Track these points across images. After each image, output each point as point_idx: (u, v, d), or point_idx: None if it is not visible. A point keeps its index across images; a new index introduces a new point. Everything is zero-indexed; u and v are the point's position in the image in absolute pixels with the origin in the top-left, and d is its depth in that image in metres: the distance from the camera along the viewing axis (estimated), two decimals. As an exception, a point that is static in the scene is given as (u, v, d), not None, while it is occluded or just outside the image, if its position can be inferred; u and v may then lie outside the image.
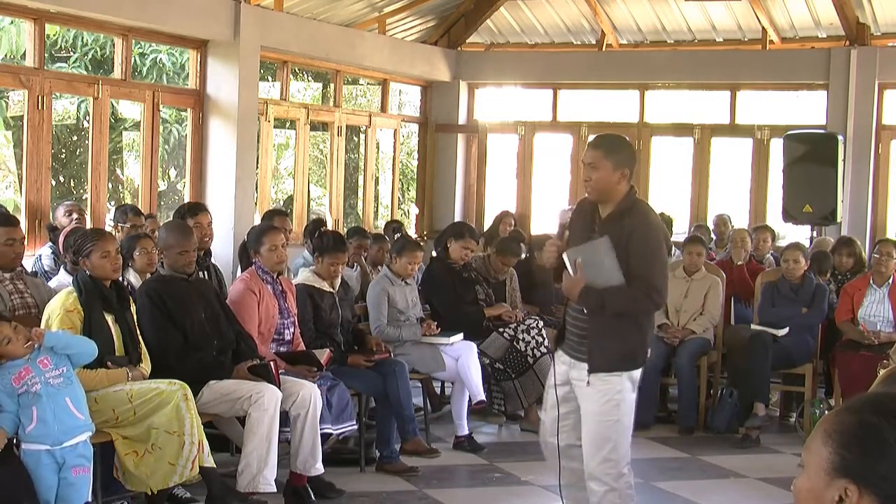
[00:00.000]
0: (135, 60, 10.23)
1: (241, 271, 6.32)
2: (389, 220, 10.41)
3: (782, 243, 8.93)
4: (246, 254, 6.16)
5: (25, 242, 5.72)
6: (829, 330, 7.81)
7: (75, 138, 13.15)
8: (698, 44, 11.17)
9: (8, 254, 5.43)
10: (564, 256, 4.20)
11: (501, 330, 7.13)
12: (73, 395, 4.51)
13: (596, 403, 4.22)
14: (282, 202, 12.50)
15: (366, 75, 11.56)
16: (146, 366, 5.10)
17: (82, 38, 12.01)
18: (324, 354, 5.85)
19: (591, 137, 11.11)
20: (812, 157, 9.23)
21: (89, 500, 4.54)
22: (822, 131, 9.86)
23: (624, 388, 4.25)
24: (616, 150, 4.28)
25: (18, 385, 4.39)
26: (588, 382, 4.23)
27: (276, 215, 7.73)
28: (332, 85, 10.89)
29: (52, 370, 4.48)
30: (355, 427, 5.86)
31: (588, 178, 4.23)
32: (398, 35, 11.09)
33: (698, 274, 7.76)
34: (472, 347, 6.82)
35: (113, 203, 11.03)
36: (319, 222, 8.18)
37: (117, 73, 8.34)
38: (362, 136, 12.68)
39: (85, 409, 4.56)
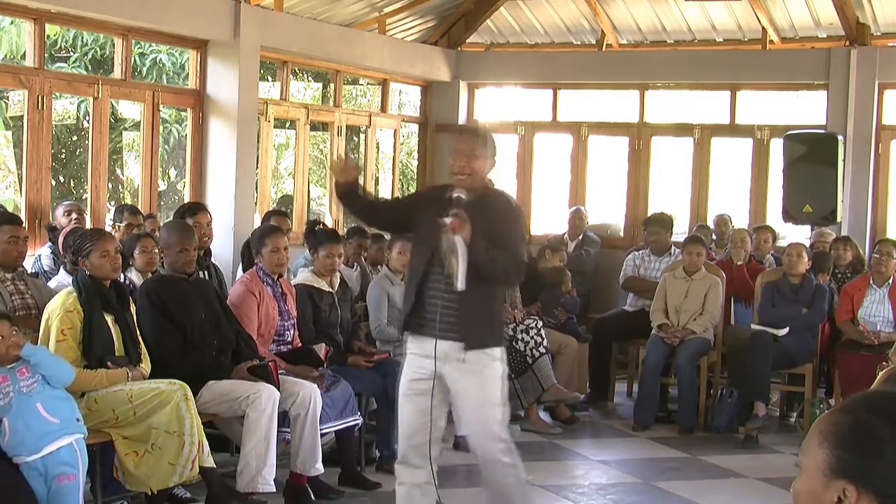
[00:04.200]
0: (135, 60, 10.22)
1: (243, 271, 6.32)
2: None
3: (782, 243, 8.94)
4: (248, 253, 6.16)
5: (27, 241, 5.73)
6: (830, 330, 7.82)
7: (75, 138, 13.15)
8: (698, 44, 11.16)
9: (11, 252, 5.44)
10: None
11: (501, 330, 7.13)
12: (46, 399, 4.39)
13: (478, 388, 4.31)
14: (276, 202, 12.46)
15: (366, 75, 11.55)
16: (146, 366, 5.10)
17: (82, 38, 12.01)
18: (321, 350, 5.86)
19: (591, 137, 11.20)
20: (812, 157, 9.23)
21: None
22: (822, 131, 9.86)
23: (500, 370, 4.37)
24: (489, 141, 4.54)
25: None
26: (464, 360, 4.26)
27: (275, 215, 7.74)
28: (332, 85, 10.88)
29: (29, 378, 4.40)
30: (360, 420, 5.87)
31: (465, 164, 4.42)
32: (398, 35, 11.09)
33: (698, 274, 7.76)
34: (472, 347, 6.81)
35: (113, 203, 11.02)
36: (315, 222, 8.17)
37: (117, 73, 8.34)
38: (362, 136, 12.67)
39: (65, 412, 4.44)
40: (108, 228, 7.52)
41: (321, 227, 6.90)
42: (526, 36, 11.68)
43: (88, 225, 7.24)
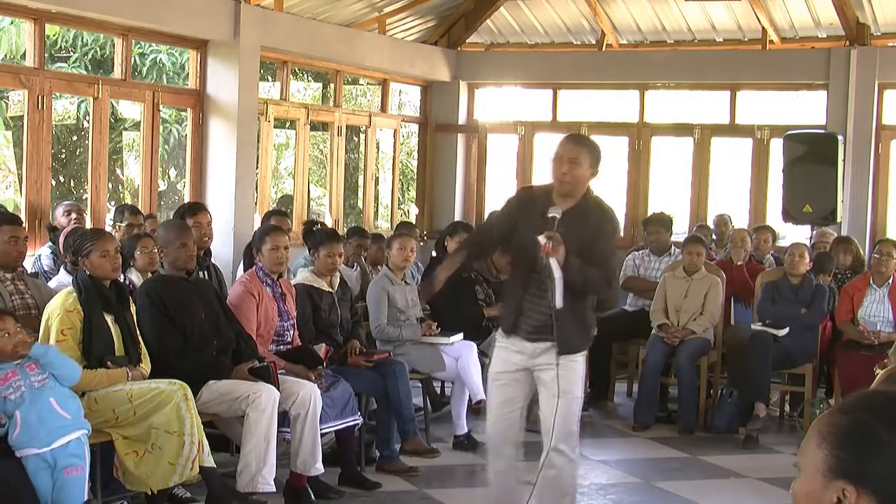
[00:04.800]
0: (135, 60, 10.22)
1: (244, 272, 6.32)
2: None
3: (782, 243, 8.93)
4: (250, 255, 6.16)
5: (27, 241, 5.73)
6: (831, 330, 7.82)
7: (75, 138, 13.15)
8: (698, 44, 11.17)
9: (11, 252, 5.44)
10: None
11: (501, 330, 7.13)
12: (58, 394, 4.46)
13: (565, 383, 4.54)
14: (276, 202, 12.47)
15: (366, 75, 11.56)
16: (146, 366, 5.10)
17: (82, 38, 12.01)
18: (320, 350, 5.86)
19: (591, 137, 11.19)
20: (812, 157, 9.23)
21: (86, 499, 4.52)
22: (822, 131, 9.86)
23: (583, 367, 4.70)
24: (594, 150, 4.61)
25: (4, 386, 4.37)
26: (557, 364, 4.53)
27: (275, 215, 7.75)
28: (332, 85, 10.89)
29: (39, 374, 4.45)
30: (360, 420, 5.86)
31: (566, 171, 4.50)
32: (398, 35, 11.09)
33: (698, 274, 7.75)
34: (472, 347, 6.82)
35: (113, 203, 11.03)
36: (313, 223, 8.19)
37: (117, 73, 8.34)
38: (362, 136, 12.68)
39: (73, 408, 4.51)
40: (108, 228, 7.51)
41: (319, 226, 6.89)
42: (526, 36, 11.69)
43: (88, 225, 7.24)
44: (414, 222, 11.08)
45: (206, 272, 6.58)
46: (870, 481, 1.57)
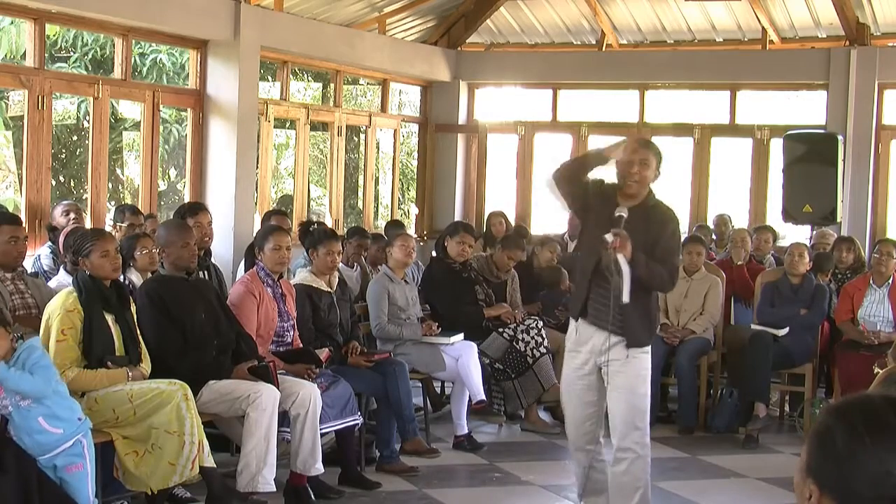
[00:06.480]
0: (135, 60, 10.22)
1: (245, 271, 6.32)
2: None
3: (783, 243, 8.94)
4: (252, 254, 6.16)
5: (27, 241, 5.74)
6: (830, 330, 7.82)
7: (75, 138, 13.15)
8: (698, 44, 11.17)
9: (11, 252, 5.44)
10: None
11: (501, 330, 7.13)
12: (45, 413, 4.35)
13: (630, 378, 4.73)
14: (276, 202, 12.46)
15: (366, 75, 11.57)
16: (146, 366, 5.10)
17: (82, 38, 12.01)
18: (323, 354, 5.86)
19: (591, 137, 11.20)
20: (812, 157, 9.23)
21: (91, 494, 4.52)
22: (822, 131, 9.87)
23: (648, 364, 4.84)
24: (659, 153, 4.96)
25: None
26: (627, 356, 4.73)
27: (275, 215, 7.74)
28: (332, 85, 10.89)
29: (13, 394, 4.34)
30: (360, 420, 5.86)
31: (636, 171, 4.80)
32: (398, 35, 11.10)
33: (698, 274, 7.75)
34: (473, 347, 6.82)
35: (113, 203, 11.02)
36: (309, 223, 8.18)
37: (117, 73, 8.35)
38: (362, 136, 12.68)
39: (67, 416, 4.42)
40: (108, 228, 7.51)
41: (315, 226, 6.89)
42: (526, 36, 11.69)
43: (88, 225, 7.24)
44: (413, 221, 11.09)
45: (206, 272, 6.59)
46: (828, 484, 1.60)
